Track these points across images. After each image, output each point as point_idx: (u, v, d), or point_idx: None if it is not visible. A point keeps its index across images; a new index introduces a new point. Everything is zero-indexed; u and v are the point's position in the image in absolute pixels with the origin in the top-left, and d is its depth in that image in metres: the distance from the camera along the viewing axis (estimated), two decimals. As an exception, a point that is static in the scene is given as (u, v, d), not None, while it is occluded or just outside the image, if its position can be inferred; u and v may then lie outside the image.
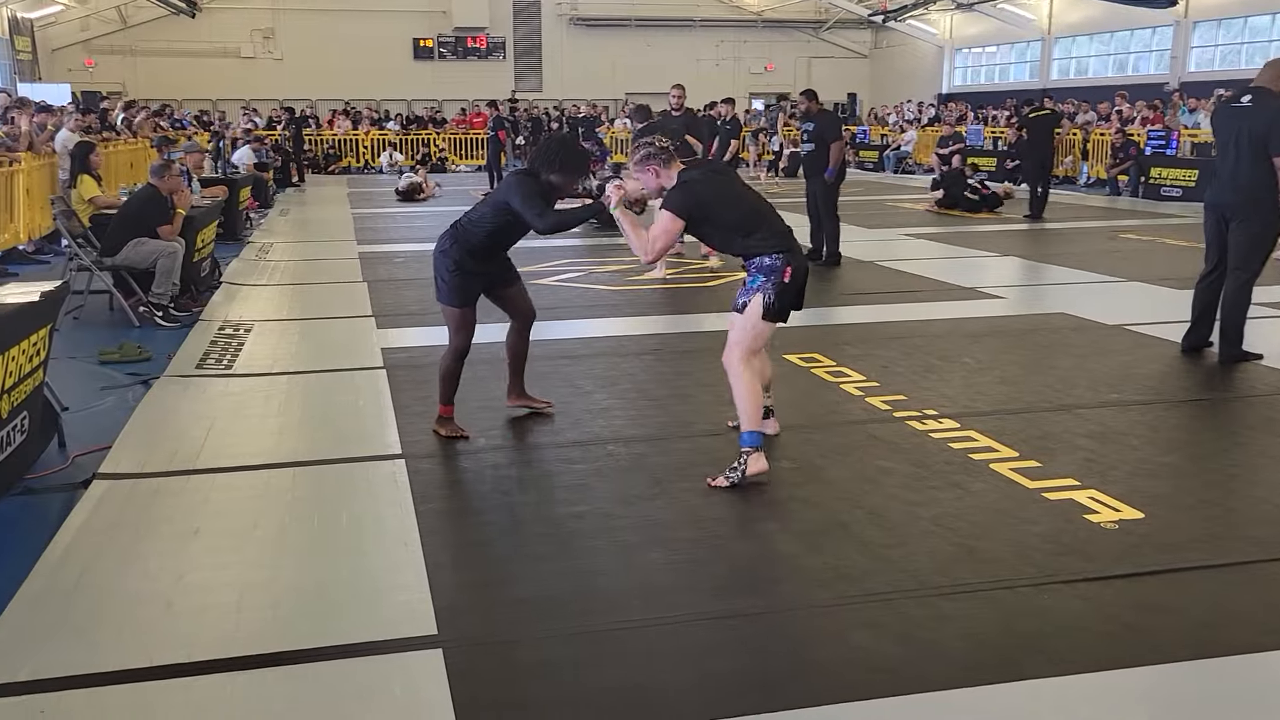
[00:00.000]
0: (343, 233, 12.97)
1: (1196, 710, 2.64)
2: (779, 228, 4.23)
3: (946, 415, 5.05)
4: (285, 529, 3.75)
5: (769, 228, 4.20)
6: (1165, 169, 17.07)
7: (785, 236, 4.21)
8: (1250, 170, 5.81)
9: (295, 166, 21.36)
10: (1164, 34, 24.58)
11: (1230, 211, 5.98)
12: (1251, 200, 5.84)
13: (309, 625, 3.01)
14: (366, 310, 7.88)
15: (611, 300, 8.36)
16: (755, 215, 4.22)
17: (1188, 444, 4.85)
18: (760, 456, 4.15)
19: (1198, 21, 23.69)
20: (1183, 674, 2.76)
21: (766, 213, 4.26)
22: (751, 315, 4.18)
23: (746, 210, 4.23)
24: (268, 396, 5.49)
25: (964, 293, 8.49)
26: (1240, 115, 5.92)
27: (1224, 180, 5.99)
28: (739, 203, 4.24)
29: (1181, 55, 23.95)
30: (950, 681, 2.71)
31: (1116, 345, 6.57)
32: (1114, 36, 26.32)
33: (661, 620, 3.04)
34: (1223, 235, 6.05)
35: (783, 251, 4.15)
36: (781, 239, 4.19)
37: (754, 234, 4.17)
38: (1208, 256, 6.24)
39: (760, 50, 33.98)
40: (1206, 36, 23.79)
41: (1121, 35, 26.02)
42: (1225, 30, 23.39)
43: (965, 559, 3.46)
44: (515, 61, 32.39)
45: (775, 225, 4.22)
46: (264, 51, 30.23)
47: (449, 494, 4.06)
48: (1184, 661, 2.81)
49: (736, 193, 4.29)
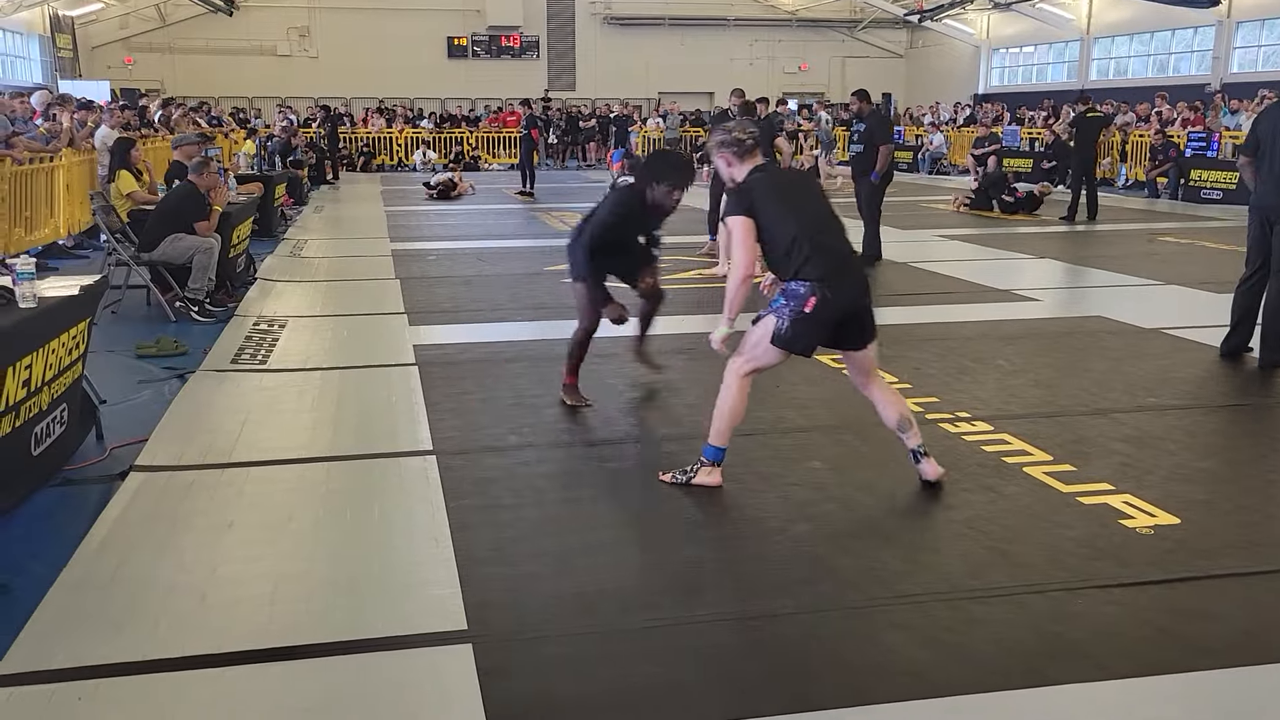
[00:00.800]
0: (376, 230, 13.07)
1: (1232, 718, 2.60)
2: (827, 254, 3.80)
3: (979, 418, 5.01)
4: (319, 523, 3.78)
5: (814, 250, 3.78)
6: (1206, 171, 16.83)
7: (829, 265, 3.78)
8: None
9: (330, 164, 21.54)
10: (1206, 34, 24.21)
11: (1276, 214, 5.88)
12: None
13: (341, 618, 3.04)
14: (399, 307, 7.93)
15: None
16: (801, 233, 3.80)
17: (1225, 449, 4.78)
18: (714, 471, 4.04)
19: (1241, 22, 23.31)
20: (1218, 681, 2.72)
21: (819, 233, 3.83)
22: (760, 334, 3.90)
23: (793, 225, 3.82)
24: (301, 391, 5.54)
25: (999, 295, 8.41)
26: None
27: (1270, 182, 5.89)
28: (787, 215, 3.84)
29: (1224, 56, 23.57)
30: (979, 685, 2.69)
31: (1153, 349, 6.48)
32: (1154, 37, 25.96)
33: (693, 619, 3.04)
34: (1266, 238, 5.95)
35: (815, 280, 3.77)
36: (821, 267, 3.76)
37: (793, 253, 3.80)
38: (1249, 260, 6.14)
39: (794, 50, 33.83)
40: (1250, 37, 23.41)
41: (1162, 35, 25.66)
42: (1270, 31, 22.99)
43: (997, 562, 3.43)
44: (549, 60, 32.47)
45: (823, 249, 3.79)
46: (300, 50, 30.50)
47: (480, 490, 4.08)
48: (1219, 669, 2.77)
49: (792, 204, 3.90)
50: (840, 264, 3.85)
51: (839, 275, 3.82)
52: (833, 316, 3.83)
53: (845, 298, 3.84)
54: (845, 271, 3.87)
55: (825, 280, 3.78)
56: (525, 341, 6.76)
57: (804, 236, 3.81)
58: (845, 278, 3.86)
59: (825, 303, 3.78)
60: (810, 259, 3.79)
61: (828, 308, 3.79)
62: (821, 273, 3.78)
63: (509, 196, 17.91)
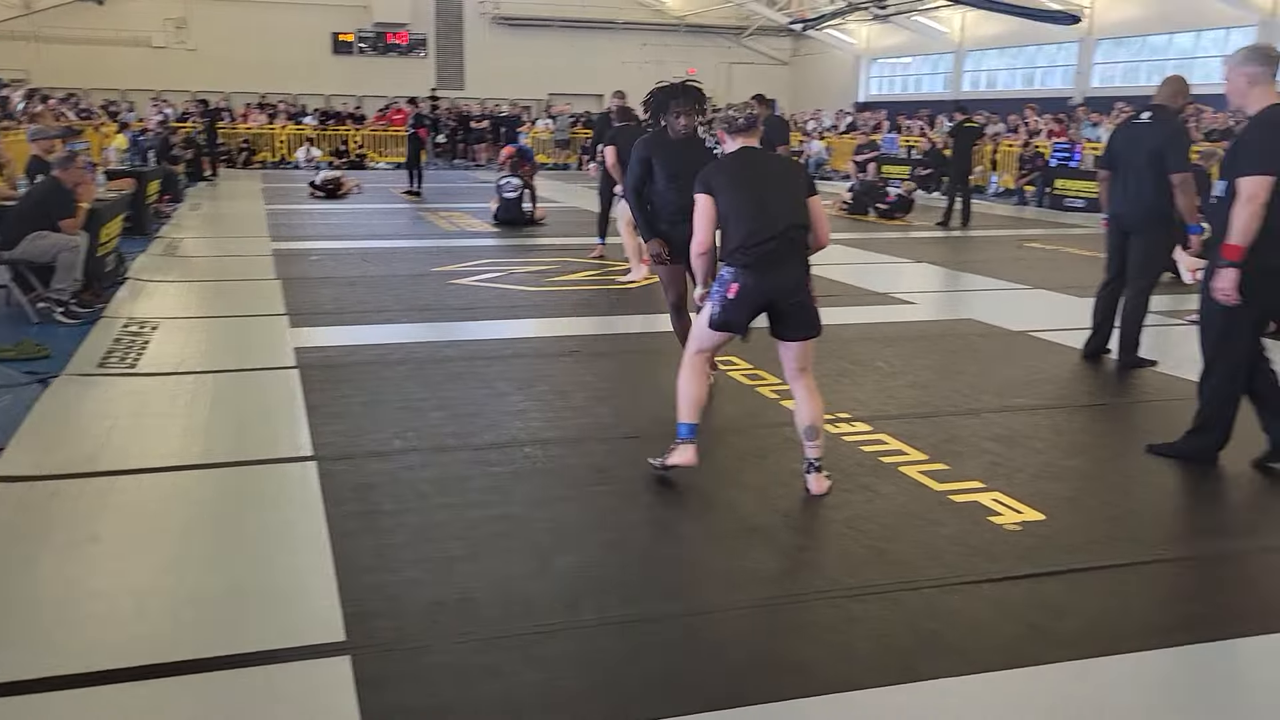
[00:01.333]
0: (256, 229, 12.68)
1: (1093, 708, 2.72)
2: (759, 245, 3.86)
3: (859, 419, 5.14)
4: (189, 533, 3.65)
5: (747, 238, 3.87)
6: (1069, 180, 17.63)
7: (756, 255, 3.87)
8: (1148, 186, 6.03)
9: (208, 160, 20.82)
10: (1069, 50, 25.38)
11: (1130, 224, 6.20)
12: (1149, 214, 6.06)
13: (212, 633, 2.94)
14: (280, 309, 7.71)
15: (531, 301, 8.33)
16: (743, 220, 3.89)
17: (1088, 447, 5.01)
18: (687, 449, 4.14)
19: (1100, 39, 24.53)
20: (1081, 672, 2.85)
21: (760, 224, 3.87)
22: (702, 318, 4.11)
23: (739, 210, 3.91)
24: (174, 396, 5.34)
25: (877, 298, 8.65)
26: (1139, 132, 6.14)
27: (1125, 193, 6.20)
28: (738, 201, 3.92)
29: (1085, 71, 24.77)
30: (858, 682, 2.76)
31: (1021, 351, 6.77)
32: (1022, 51, 27.09)
33: (577, 624, 3.04)
34: (1123, 246, 6.27)
35: (738, 268, 3.90)
36: (747, 256, 3.88)
37: (731, 236, 3.92)
38: (1108, 266, 6.46)
39: (683, 54, 34.08)
40: (1109, 53, 24.65)
41: (1029, 50, 26.80)
42: (1126, 48, 24.27)
43: (875, 561, 3.53)
44: (437, 59, 32.04)
45: (757, 240, 3.86)
46: (176, 41, 29.36)
47: (362, 497, 4.00)
48: (1082, 659, 2.90)
49: (748, 191, 3.93)
50: (768, 256, 3.89)
51: (764, 266, 3.90)
52: (756, 302, 3.95)
53: (767, 287, 3.93)
54: (772, 265, 3.91)
55: (749, 269, 3.90)
56: (411, 344, 6.66)
57: (744, 224, 3.90)
58: (771, 270, 3.91)
59: (745, 290, 3.92)
60: (741, 247, 3.90)
61: (748, 294, 3.93)
62: (746, 261, 3.90)
63: (396, 196, 17.61)
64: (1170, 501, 4.29)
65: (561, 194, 16.90)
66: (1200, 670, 2.90)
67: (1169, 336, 7.13)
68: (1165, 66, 22.34)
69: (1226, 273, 4.20)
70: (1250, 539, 3.82)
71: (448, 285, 8.93)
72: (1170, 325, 7.59)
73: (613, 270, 9.81)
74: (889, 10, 28.28)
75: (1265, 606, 3.28)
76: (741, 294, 3.92)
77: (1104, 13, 24.21)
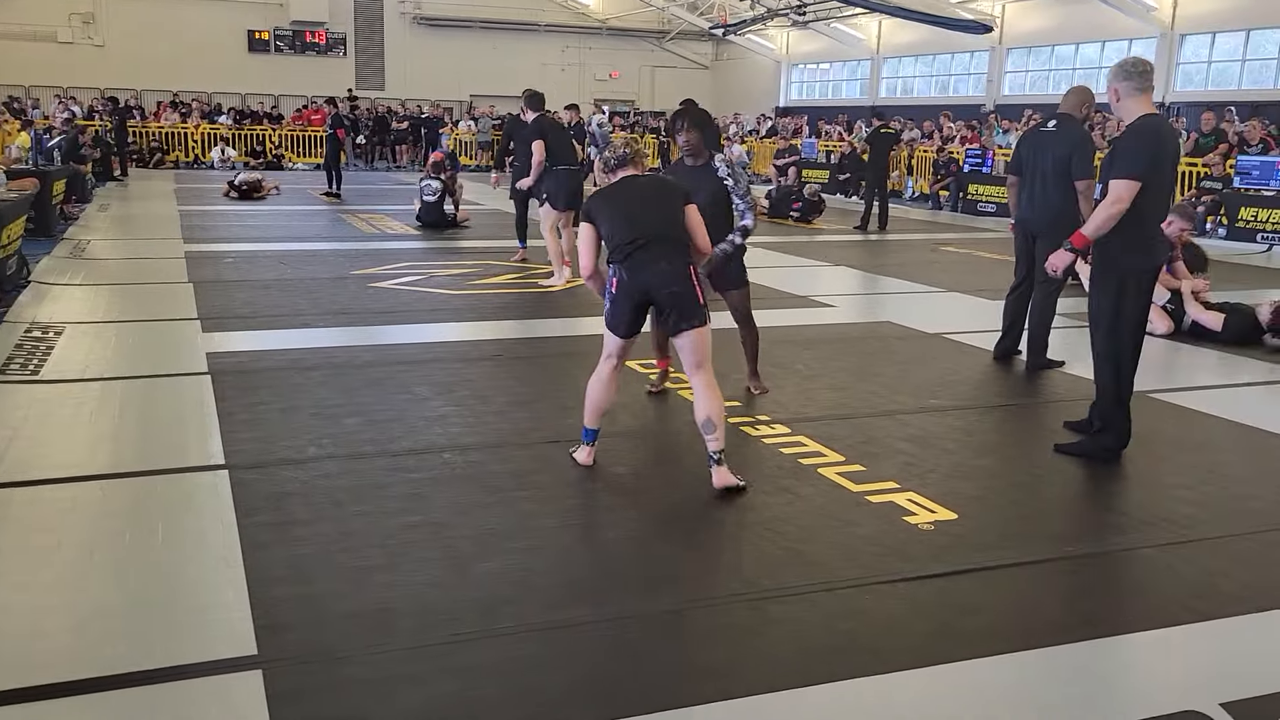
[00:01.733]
0: (168, 230, 12.35)
1: (1005, 704, 2.79)
2: (632, 245, 4.18)
3: (778, 421, 5.20)
4: (93, 547, 3.53)
5: (623, 242, 4.21)
6: (982, 185, 18.07)
7: (630, 252, 4.19)
8: (1054, 192, 6.23)
9: (118, 159, 20.20)
10: (981, 58, 26.05)
11: (1036, 228, 6.39)
12: (1055, 219, 6.25)
13: (117, 650, 2.84)
14: (192, 313, 7.52)
15: (453, 305, 8.25)
16: (622, 233, 4.23)
17: (998, 447, 5.14)
18: (583, 450, 4.45)
19: (1011, 48, 25.22)
20: (993, 668, 2.92)
21: (636, 232, 4.20)
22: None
23: (617, 227, 4.26)
24: (79, 404, 5.17)
25: (798, 301, 8.76)
26: (1046, 139, 6.34)
27: (1031, 199, 6.39)
28: (616, 220, 4.28)
29: (997, 79, 25.44)
30: (776, 684, 2.78)
31: (936, 353, 6.91)
32: (936, 59, 27.71)
33: (495, 631, 3.02)
34: (1031, 250, 6.46)
35: (616, 264, 4.25)
36: (623, 253, 4.21)
37: (614, 246, 4.25)
38: (1017, 270, 6.65)
39: (605, 57, 34.20)
40: (1019, 62, 25.35)
41: (943, 58, 27.42)
42: (1035, 57, 24.98)
43: (793, 562, 3.57)
44: (356, 59, 31.57)
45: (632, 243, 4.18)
46: (83, 37, 28.44)
47: (275, 506, 3.91)
48: (993, 656, 2.96)
49: (624, 211, 4.29)
50: (637, 255, 4.21)
51: (635, 264, 4.21)
52: (633, 295, 4.25)
53: (641, 280, 4.21)
54: (644, 262, 4.21)
55: (623, 264, 4.23)
56: (328, 349, 6.55)
57: (616, 234, 4.27)
58: (643, 267, 4.21)
59: (623, 283, 4.24)
60: (615, 248, 4.26)
61: (625, 287, 4.24)
62: (619, 259, 4.24)
63: (314, 198, 17.30)
64: (1076, 499, 4.43)
65: (484, 196, 16.77)
66: (1105, 663, 2.99)
67: (1074, 337, 7.34)
68: (1072, 75, 23.12)
69: (1065, 255, 4.65)
70: (1143, 533, 3.95)
71: (367, 289, 8.80)
72: (1079, 327, 7.82)
73: (535, 274, 9.77)
74: (808, 17, 28.71)
75: (1158, 601, 3.40)
76: (620, 287, 4.26)
77: (1014, 23, 24.90)
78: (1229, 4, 20.30)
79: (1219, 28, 20.76)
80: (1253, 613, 3.28)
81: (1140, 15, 21.48)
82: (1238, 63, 20.39)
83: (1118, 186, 4.44)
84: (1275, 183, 14.05)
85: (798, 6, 27.88)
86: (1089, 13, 22.36)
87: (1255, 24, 20.16)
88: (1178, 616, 3.24)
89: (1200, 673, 2.97)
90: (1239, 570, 3.62)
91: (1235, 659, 3.04)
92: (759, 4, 28.70)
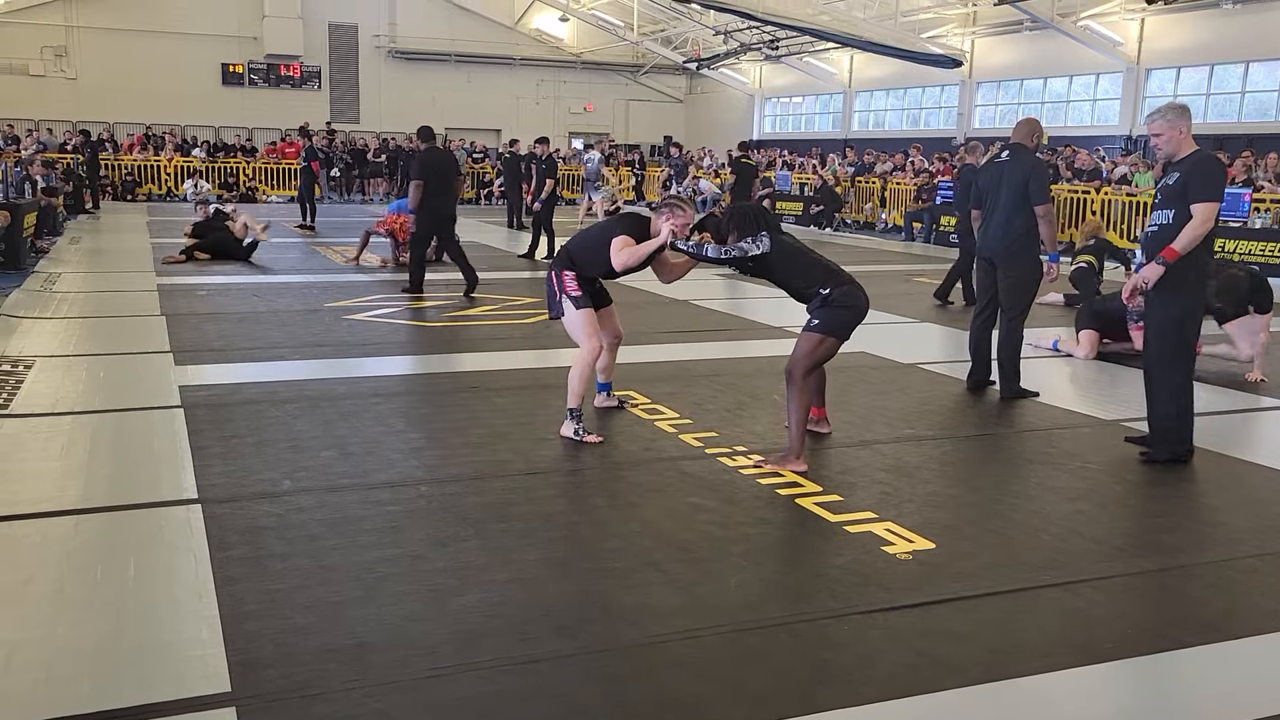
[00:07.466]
0: (140, 263, 12.27)
1: (981, 730, 2.79)
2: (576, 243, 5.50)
3: (756, 451, 5.20)
4: (63, 583, 3.47)
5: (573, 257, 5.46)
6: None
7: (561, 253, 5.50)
8: (1013, 220, 6.36)
9: (90, 192, 20.09)
10: (951, 92, 26.46)
11: (997, 257, 6.49)
12: (1015, 247, 6.37)
13: (87, 688, 2.79)
14: (164, 346, 7.46)
15: (427, 336, 8.23)
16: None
17: (974, 477, 5.16)
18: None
19: (980, 82, 25.64)
20: (967, 699, 2.92)
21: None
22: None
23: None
24: (49, 438, 5.11)
25: (773, 331, 8.80)
26: (1002, 169, 6.49)
27: (991, 229, 6.52)
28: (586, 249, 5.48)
29: (967, 112, 25.83)
30: (755, 716, 2.77)
31: (911, 383, 6.96)
32: (908, 93, 28.12)
33: (473, 665, 2.99)
34: (993, 278, 6.57)
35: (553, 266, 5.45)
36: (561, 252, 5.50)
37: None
38: (979, 298, 6.78)
39: (580, 91, 34.48)
40: (988, 96, 25.77)
41: (915, 92, 27.83)
42: (1005, 90, 25.40)
43: (772, 593, 3.56)
44: (331, 91, 31.65)
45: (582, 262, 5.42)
46: (56, 70, 28.40)
47: (249, 540, 3.87)
48: (969, 686, 2.96)
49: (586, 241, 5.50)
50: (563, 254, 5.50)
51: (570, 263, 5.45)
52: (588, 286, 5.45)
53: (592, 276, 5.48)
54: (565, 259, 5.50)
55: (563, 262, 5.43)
56: (302, 381, 6.50)
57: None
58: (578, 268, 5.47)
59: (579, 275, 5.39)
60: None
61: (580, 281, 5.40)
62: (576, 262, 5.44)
63: (288, 230, 17.26)
64: (1053, 528, 4.45)
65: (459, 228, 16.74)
66: (1085, 691, 3.00)
67: (1048, 367, 7.41)
68: (1041, 109, 23.50)
69: (1157, 268, 4.92)
70: (1122, 562, 3.98)
71: (342, 321, 8.76)
72: (1050, 357, 7.90)
73: (511, 305, 9.77)
74: (780, 52, 29.06)
75: (1138, 629, 3.42)
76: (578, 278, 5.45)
77: (983, 57, 25.33)
78: (1193, 40, 20.77)
79: (1183, 62, 21.22)
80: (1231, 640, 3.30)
81: (1107, 50, 21.90)
82: (1202, 96, 20.82)
83: (1205, 210, 4.81)
84: (1240, 214, 14.30)
85: (770, 41, 28.23)
86: (1056, 48, 22.79)
87: (1219, 59, 20.62)
88: (1158, 644, 3.26)
89: (1186, 699, 2.98)
90: (1218, 598, 3.65)
91: (1222, 684, 3.05)
92: (732, 39, 29.04)
